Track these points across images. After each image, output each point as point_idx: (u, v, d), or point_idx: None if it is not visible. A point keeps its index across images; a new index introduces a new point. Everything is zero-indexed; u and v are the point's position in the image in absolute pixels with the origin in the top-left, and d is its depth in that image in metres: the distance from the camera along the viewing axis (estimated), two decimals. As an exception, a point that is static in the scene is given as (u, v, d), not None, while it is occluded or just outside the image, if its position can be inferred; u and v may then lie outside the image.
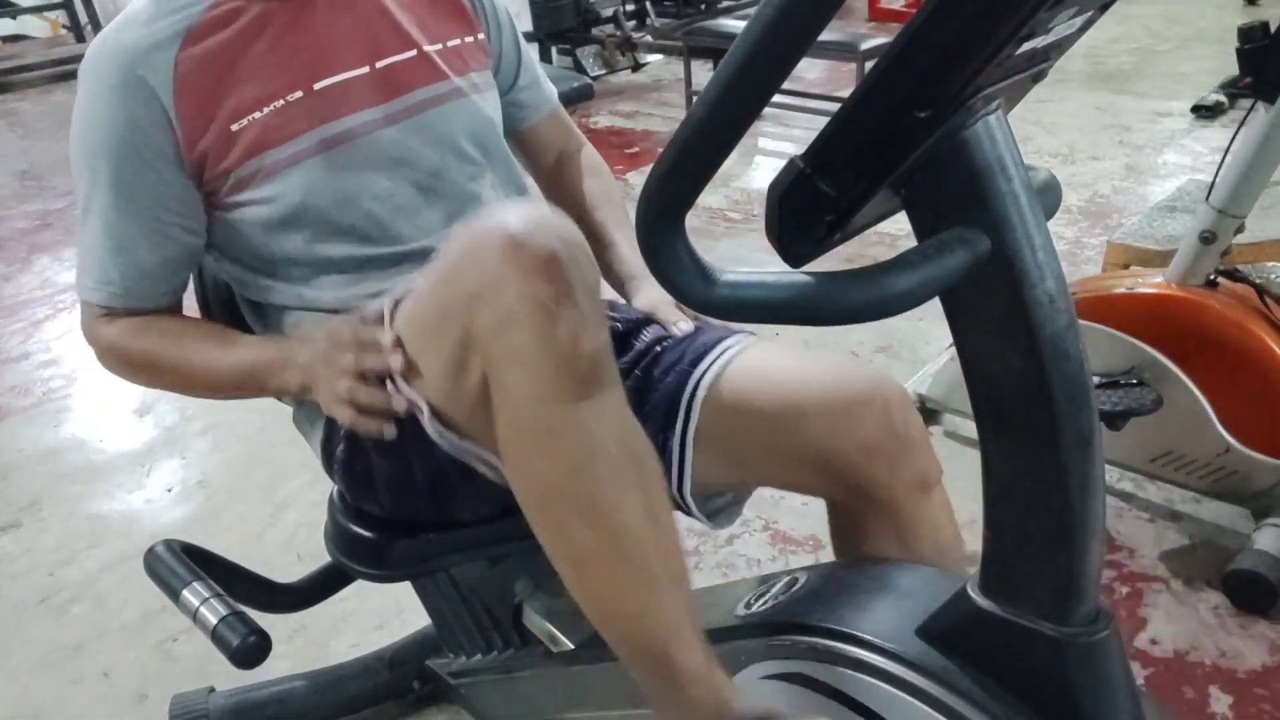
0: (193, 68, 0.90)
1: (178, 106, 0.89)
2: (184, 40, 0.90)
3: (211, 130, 0.91)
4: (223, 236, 0.99)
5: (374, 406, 0.87)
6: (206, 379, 0.98)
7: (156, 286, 0.98)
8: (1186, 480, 1.58)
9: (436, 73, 1.01)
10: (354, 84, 0.96)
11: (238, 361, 0.96)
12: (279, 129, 0.92)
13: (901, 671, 0.73)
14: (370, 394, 0.87)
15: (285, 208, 0.94)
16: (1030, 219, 0.58)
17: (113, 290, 0.96)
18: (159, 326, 0.99)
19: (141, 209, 0.93)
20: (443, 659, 1.34)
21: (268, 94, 0.92)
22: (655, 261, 0.53)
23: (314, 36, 0.95)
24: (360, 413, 0.87)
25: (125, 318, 0.99)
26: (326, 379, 0.89)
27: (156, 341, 0.98)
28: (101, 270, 0.96)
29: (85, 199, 0.94)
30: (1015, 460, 0.63)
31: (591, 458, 0.75)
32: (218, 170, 0.92)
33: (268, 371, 0.95)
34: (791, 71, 0.48)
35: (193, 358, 0.97)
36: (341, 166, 0.94)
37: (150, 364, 0.99)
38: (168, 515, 1.96)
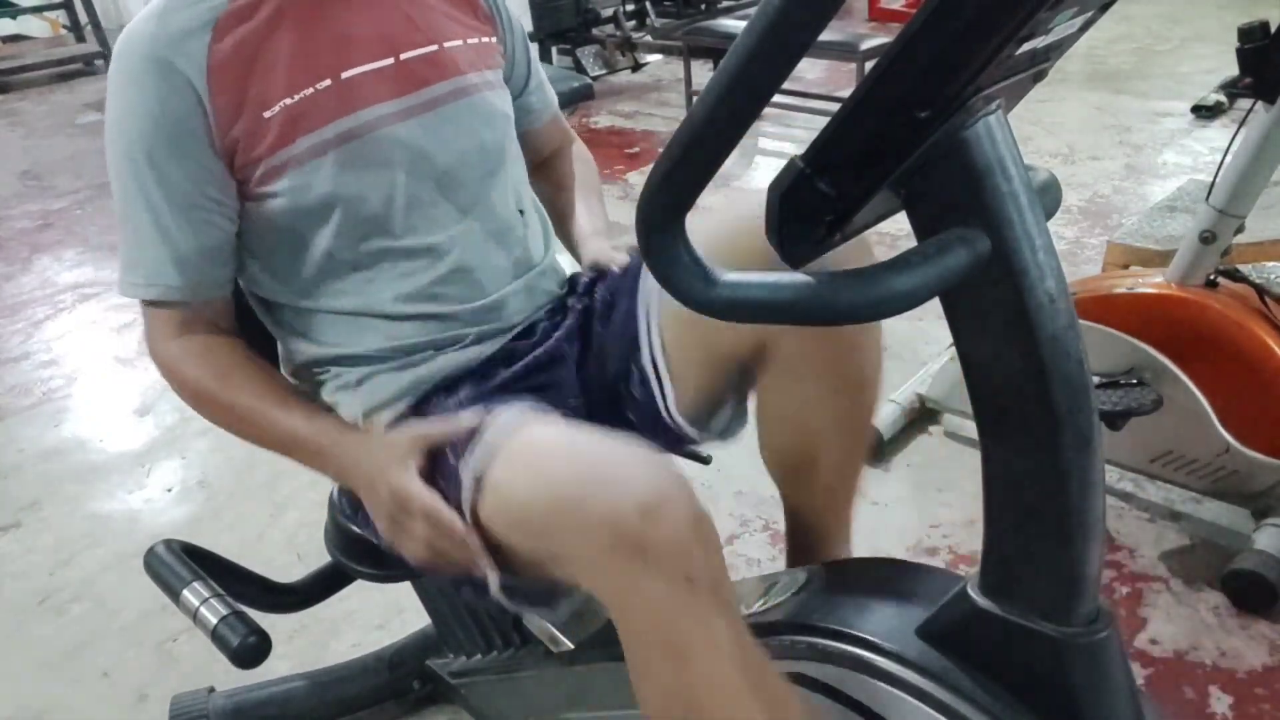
0: (224, 56, 0.90)
1: (211, 93, 0.89)
2: (213, 30, 0.90)
3: (244, 117, 0.91)
4: (247, 229, 0.98)
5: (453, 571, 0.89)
6: (249, 434, 0.97)
7: (207, 277, 0.96)
8: (1186, 480, 1.58)
9: (455, 68, 1.01)
10: (378, 75, 0.96)
11: (281, 430, 0.95)
12: (309, 117, 0.92)
13: (901, 671, 0.73)
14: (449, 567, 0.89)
15: (316, 198, 0.93)
16: (1030, 219, 0.58)
17: (169, 283, 0.94)
18: (217, 362, 0.97)
19: (183, 197, 0.92)
20: (443, 659, 1.34)
21: (298, 82, 0.92)
22: (655, 261, 0.53)
23: (339, 27, 0.95)
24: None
25: (188, 337, 0.96)
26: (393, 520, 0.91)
27: (209, 379, 0.96)
28: (155, 265, 0.94)
29: (125, 193, 0.92)
30: (1015, 460, 0.63)
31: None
32: (250, 157, 0.92)
33: (305, 454, 0.95)
34: (791, 71, 0.48)
35: (239, 409, 0.96)
36: (363, 158, 0.94)
37: (198, 397, 0.97)
38: (168, 515, 1.96)
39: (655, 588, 0.72)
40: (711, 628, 0.73)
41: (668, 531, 0.71)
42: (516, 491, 0.82)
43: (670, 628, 0.73)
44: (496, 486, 0.83)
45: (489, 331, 1.01)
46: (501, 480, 0.83)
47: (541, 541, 0.81)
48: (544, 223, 1.12)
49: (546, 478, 0.79)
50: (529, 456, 0.82)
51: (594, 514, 0.73)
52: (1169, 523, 1.68)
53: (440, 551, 0.88)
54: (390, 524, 0.91)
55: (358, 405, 0.98)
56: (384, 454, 0.90)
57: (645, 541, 0.71)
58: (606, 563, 0.74)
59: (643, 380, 0.99)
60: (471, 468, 0.85)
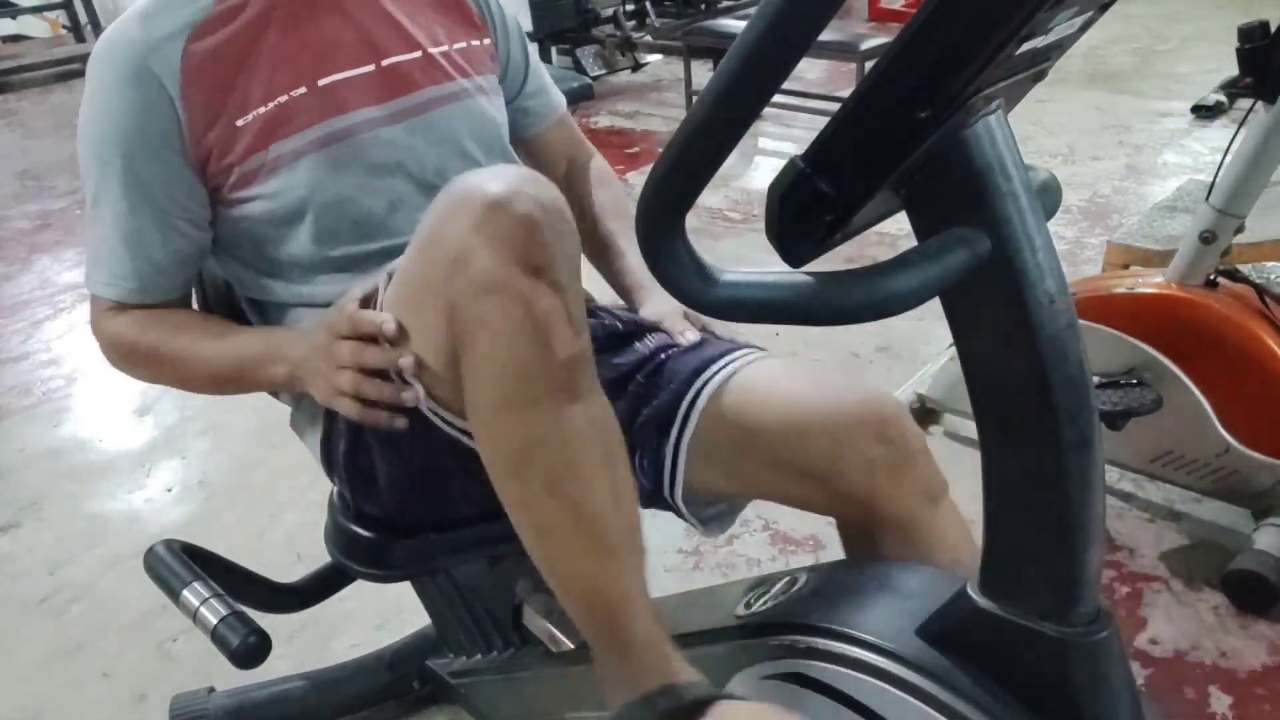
0: (199, 61, 0.90)
1: (185, 99, 0.90)
2: (191, 34, 0.91)
3: (217, 124, 0.91)
4: (226, 234, 0.99)
5: (381, 399, 0.85)
6: (201, 372, 0.98)
7: (166, 281, 0.98)
8: (1186, 480, 1.58)
9: (441, 74, 1.01)
10: (358, 82, 0.96)
11: (229, 354, 0.96)
12: (283, 124, 0.92)
13: (901, 671, 0.73)
14: (378, 388, 0.85)
15: (288, 203, 0.94)
16: (1030, 219, 0.58)
17: (126, 285, 0.96)
18: (162, 320, 0.99)
19: (152, 202, 0.93)
20: (443, 659, 1.34)
21: (273, 89, 0.92)
22: (655, 261, 0.53)
23: (319, 34, 0.95)
24: (366, 406, 0.86)
25: (134, 310, 0.99)
26: (326, 373, 0.88)
27: (157, 335, 0.98)
28: (115, 265, 0.96)
29: (95, 193, 0.94)
30: (1015, 460, 0.63)
31: (560, 432, 0.75)
32: (222, 165, 0.92)
33: (256, 363, 0.94)
34: (791, 72, 0.48)
35: (189, 351, 0.97)
36: (343, 163, 0.95)
37: (151, 358, 0.99)
38: (168, 515, 1.96)
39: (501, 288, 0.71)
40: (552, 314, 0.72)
41: (520, 205, 0.71)
42: (408, 260, 0.83)
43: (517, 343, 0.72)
44: (398, 270, 0.85)
45: None
46: (401, 265, 0.84)
47: (426, 291, 0.79)
48: None
49: (421, 235, 0.80)
50: None
51: (452, 229, 0.73)
52: (1169, 523, 1.68)
53: (366, 364, 0.84)
54: (325, 371, 0.88)
55: None
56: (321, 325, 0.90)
57: (488, 230, 0.71)
58: (457, 277, 0.73)
59: (656, 461, 0.96)
60: (387, 270, 0.87)
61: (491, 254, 0.71)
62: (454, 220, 0.74)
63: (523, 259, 0.71)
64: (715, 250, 2.95)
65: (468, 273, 0.72)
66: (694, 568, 1.68)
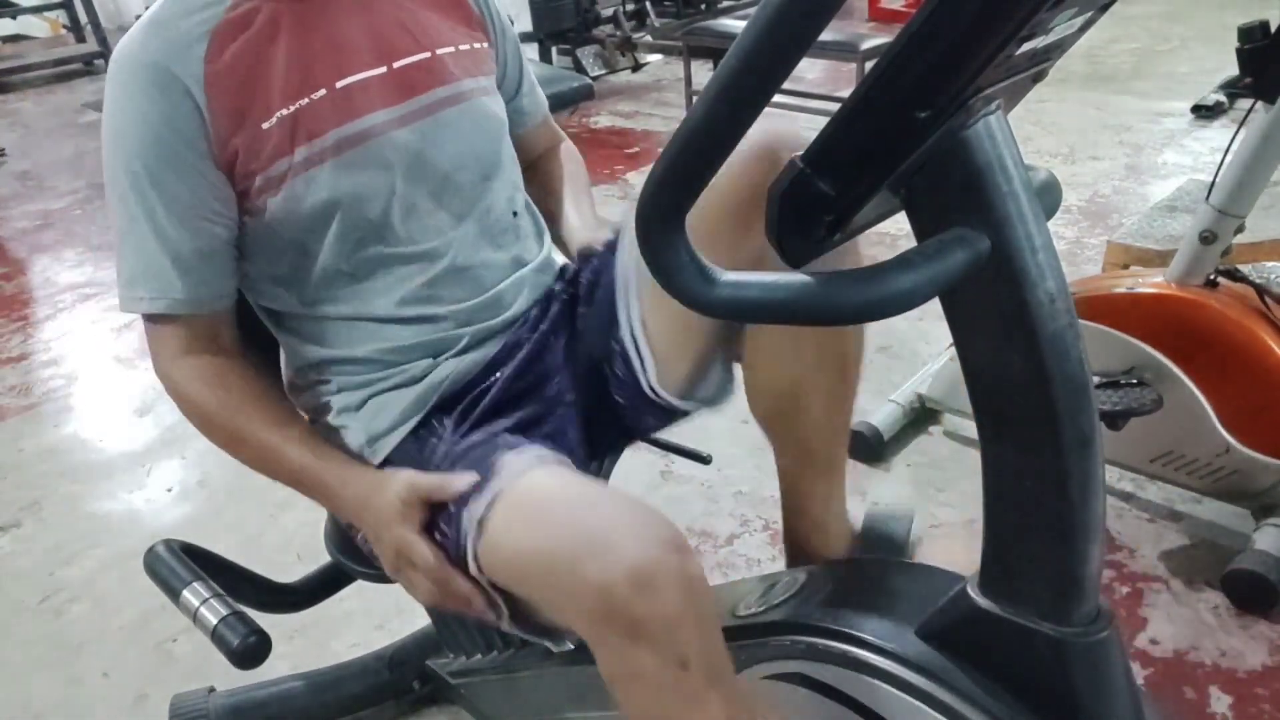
0: (221, 67, 0.90)
1: (209, 103, 0.89)
2: (211, 39, 0.90)
3: (243, 128, 0.90)
4: (246, 240, 0.97)
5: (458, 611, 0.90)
6: (254, 463, 0.98)
7: (210, 289, 0.95)
8: (1186, 480, 1.58)
9: (449, 75, 1.01)
10: (372, 84, 0.96)
11: (288, 468, 0.95)
12: (306, 126, 0.92)
13: (901, 671, 0.73)
14: (458, 606, 0.89)
15: (312, 207, 0.93)
16: (1030, 219, 0.58)
17: (174, 297, 0.93)
18: (225, 387, 0.95)
19: (185, 209, 0.91)
20: (443, 659, 1.34)
21: (294, 91, 0.92)
22: (655, 261, 0.53)
23: (331, 36, 0.95)
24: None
25: (195, 356, 0.95)
26: (396, 564, 0.92)
27: (217, 404, 0.95)
28: (157, 279, 0.92)
29: (125, 207, 0.91)
30: (1015, 460, 0.63)
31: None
32: (250, 168, 0.91)
33: (310, 490, 0.96)
34: (791, 72, 0.48)
35: (247, 439, 0.95)
36: (360, 167, 0.94)
37: (207, 422, 0.97)
38: (168, 515, 1.96)
39: (647, 662, 0.71)
40: (705, 708, 0.72)
41: (659, 608, 0.70)
42: (513, 545, 0.82)
43: (662, 705, 0.73)
44: (495, 536, 0.83)
45: (485, 331, 1.01)
46: (500, 531, 0.83)
47: (540, 596, 0.81)
48: (538, 223, 1.13)
49: (542, 534, 0.79)
50: (527, 508, 0.82)
51: (586, 579, 0.72)
52: (1169, 523, 1.68)
53: (444, 598, 0.89)
54: (394, 569, 0.93)
55: (361, 431, 0.98)
56: (389, 505, 0.90)
57: (635, 615, 0.70)
58: (599, 630, 0.74)
59: (624, 356, 0.98)
60: (472, 515, 0.85)
61: (637, 643, 0.72)
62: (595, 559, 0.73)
63: (670, 653, 0.72)
64: (715, 250, 2.94)
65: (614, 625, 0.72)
66: (694, 568, 1.68)
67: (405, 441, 0.97)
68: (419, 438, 0.97)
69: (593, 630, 0.74)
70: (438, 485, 0.89)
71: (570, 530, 0.77)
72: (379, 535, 0.92)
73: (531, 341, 1.02)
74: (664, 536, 0.73)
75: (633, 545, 0.72)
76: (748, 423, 1.06)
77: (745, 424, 1.09)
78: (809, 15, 0.45)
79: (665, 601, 0.70)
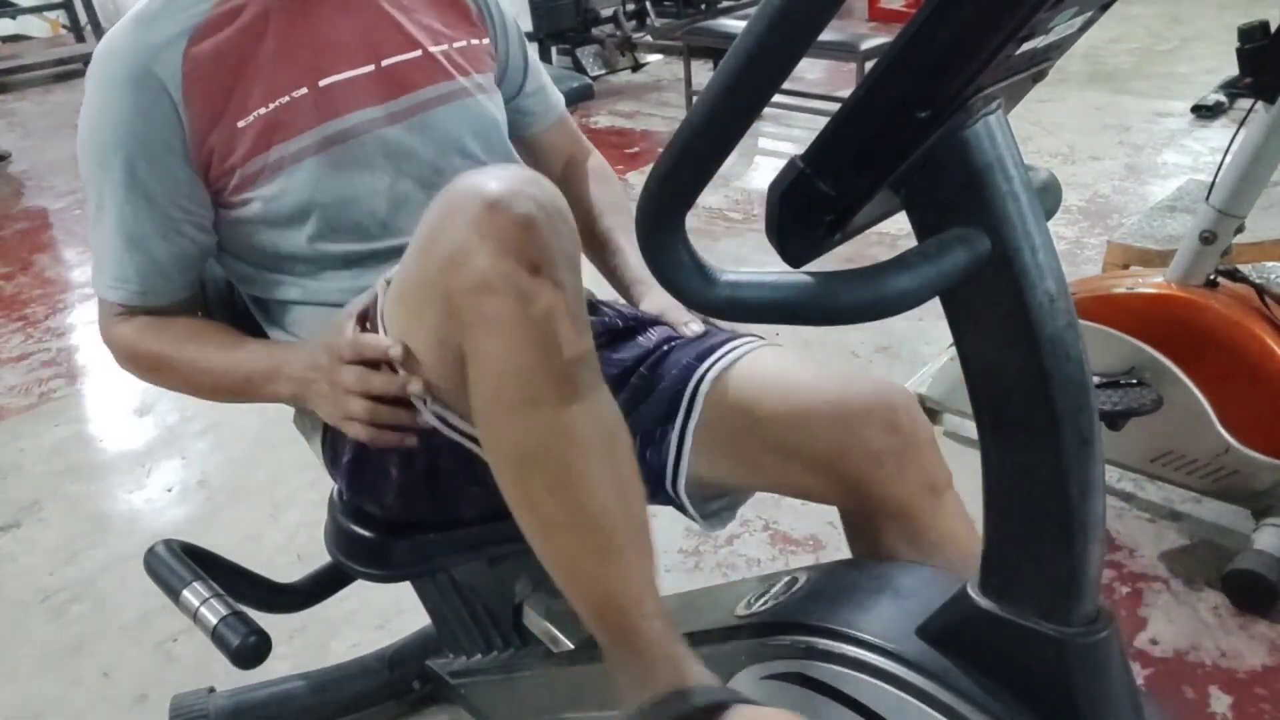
0: (200, 64, 0.90)
1: (186, 101, 0.90)
2: (192, 37, 0.91)
3: (219, 127, 0.91)
4: (228, 234, 0.99)
5: (394, 423, 0.86)
6: (208, 383, 0.99)
7: (171, 283, 0.98)
8: (1186, 480, 1.58)
9: (441, 73, 1.01)
10: (358, 82, 0.96)
11: (234, 368, 0.96)
12: (284, 125, 0.92)
13: (901, 671, 0.73)
14: (392, 413, 0.86)
15: (290, 204, 0.94)
16: (1030, 219, 0.58)
17: (130, 288, 0.97)
18: (170, 328, 0.99)
19: (154, 205, 0.93)
20: (443, 659, 1.34)
21: (273, 90, 0.92)
22: (655, 262, 0.53)
23: (318, 34, 0.96)
24: (378, 427, 0.87)
25: (141, 316, 0.99)
26: (332, 396, 0.88)
27: (166, 343, 0.98)
28: (118, 268, 0.96)
29: (98, 197, 0.94)
30: (1015, 460, 0.63)
31: (563, 431, 0.75)
32: (225, 167, 0.92)
33: (260, 380, 0.95)
34: (791, 72, 0.48)
35: (198, 361, 0.98)
36: (344, 164, 0.95)
37: (158, 365, 0.99)
38: (168, 515, 1.96)
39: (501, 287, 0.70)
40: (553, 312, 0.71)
41: (518, 204, 0.70)
42: (407, 262, 0.82)
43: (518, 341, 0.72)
44: (397, 274, 0.84)
45: None
46: (400, 268, 0.83)
47: (425, 291, 0.78)
48: None
49: (419, 236, 0.79)
50: None
51: (451, 229, 0.72)
52: (1169, 523, 1.68)
53: (374, 391, 0.85)
54: (331, 395, 0.89)
55: None
56: (325, 337, 0.90)
57: (486, 229, 0.70)
58: (456, 276, 0.72)
59: (661, 448, 0.95)
60: (385, 278, 0.87)
61: (490, 253, 0.71)
62: (452, 220, 0.73)
63: (522, 257, 0.71)
64: (715, 250, 2.95)
65: (466, 272, 0.72)
66: (694, 568, 1.68)
67: None
68: None
69: (454, 287, 0.73)
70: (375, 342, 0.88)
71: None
72: (316, 361, 0.89)
73: None
74: (527, 176, 0.74)
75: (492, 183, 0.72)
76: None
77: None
78: (809, 15, 0.45)
79: (516, 211, 0.70)
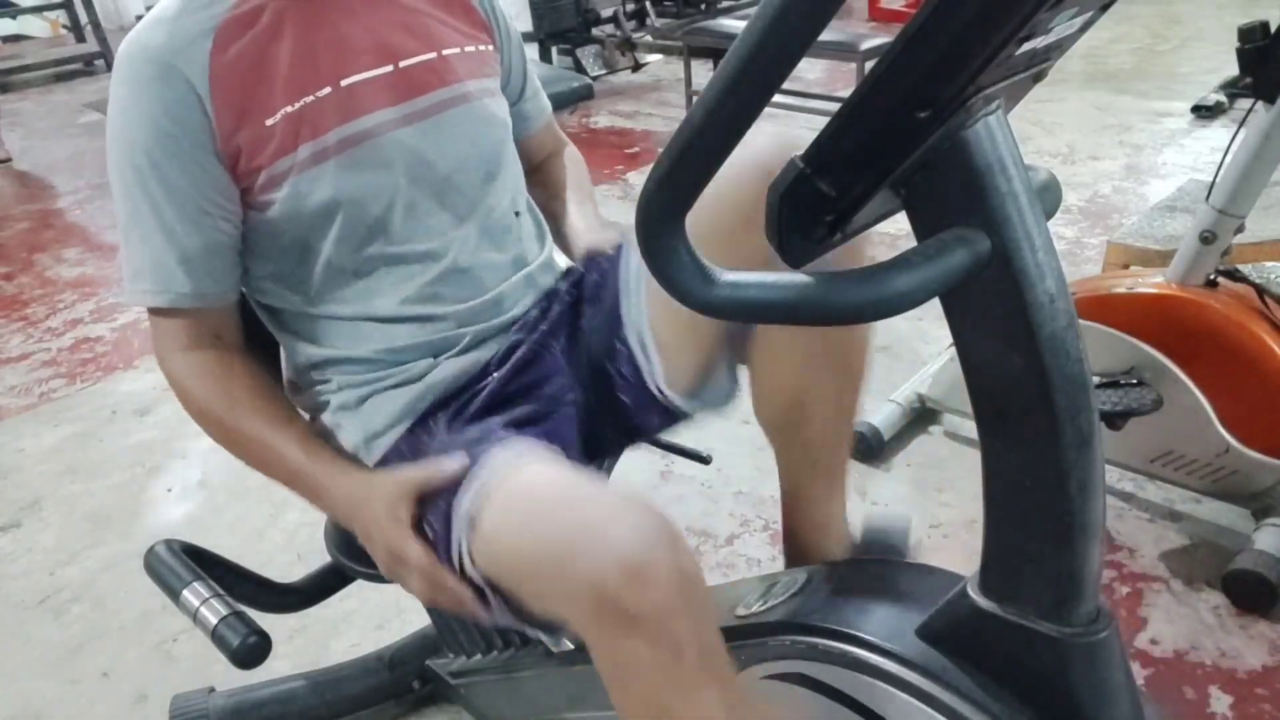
0: (226, 63, 0.90)
1: (214, 98, 0.89)
2: (216, 35, 0.90)
3: (246, 125, 0.90)
4: (249, 237, 0.97)
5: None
6: (250, 460, 0.98)
7: (214, 283, 0.95)
8: (1186, 480, 1.58)
9: (454, 76, 1.01)
10: (377, 82, 0.96)
11: (283, 467, 0.95)
12: (311, 124, 0.92)
13: (901, 671, 0.73)
14: (451, 604, 0.89)
15: (315, 205, 0.93)
16: (1030, 219, 0.58)
17: (179, 290, 0.93)
18: (224, 383, 0.96)
19: (189, 204, 0.91)
20: (443, 659, 1.34)
21: (299, 89, 0.92)
22: (655, 262, 0.53)
23: (338, 35, 0.95)
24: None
25: (196, 351, 0.96)
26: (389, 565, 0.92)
27: (215, 400, 0.96)
28: (162, 272, 0.93)
29: (131, 200, 0.92)
30: (1015, 460, 0.63)
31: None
32: (253, 165, 0.91)
33: (303, 490, 0.96)
34: (791, 72, 0.48)
35: (243, 436, 0.96)
36: (363, 165, 0.94)
37: (204, 416, 0.97)
38: (168, 515, 1.96)
39: (641, 654, 0.71)
40: (700, 699, 0.72)
41: (652, 597, 0.70)
42: (505, 540, 0.81)
43: (657, 696, 0.73)
44: (487, 532, 0.82)
45: (485, 331, 1.01)
46: (492, 526, 0.82)
47: (532, 590, 0.81)
48: (539, 224, 1.13)
49: (534, 528, 0.78)
50: (519, 503, 0.82)
51: (578, 574, 0.72)
52: (1169, 523, 1.68)
53: (437, 595, 0.89)
54: (389, 569, 0.93)
55: (358, 430, 0.98)
56: (379, 506, 0.90)
57: (629, 607, 0.70)
58: (592, 624, 0.73)
59: (629, 356, 0.98)
60: (464, 510, 0.84)
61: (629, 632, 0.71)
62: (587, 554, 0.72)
63: (665, 639, 0.71)
64: (715, 250, 2.94)
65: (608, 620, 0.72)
66: (694, 568, 1.68)
67: (400, 441, 0.98)
68: (414, 437, 0.97)
69: (586, 624, 0.74)
70: (426, 475, 0.89)
71: (561, 524, 0.76)
72: (370, 535, 0.92)
73: (530, 341, 1.02)
74: (656, 527, 0.73)
75: (624, 537, 0.72)
76: (748, 423, 1.06)
77: (745, 424, 1.09)
78: (809, 15, 0.45)
79: (658, 591, 0.70)
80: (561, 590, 0.75)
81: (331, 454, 0.96)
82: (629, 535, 0.72)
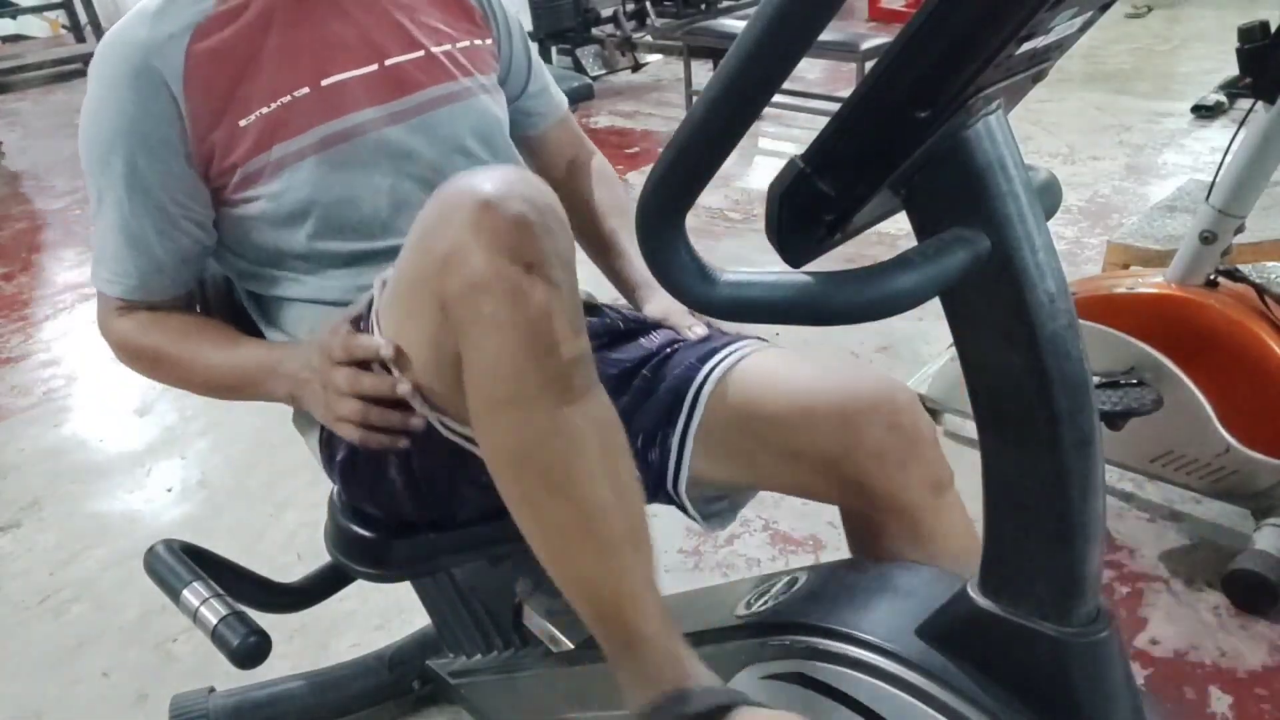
0: (202, 61, 0.90)
1: (187, 98, 0.90)
2: (194, 33, 0.91)
3: (221, 124, 0.91)
4: (228, 232, 0.99)
5: (385, 425, 0.86)
6: (205, 379, 0.99)
7: (169, 279, 0.99)
8: (1186, 480, 1.58)
9: (443, 73, 1.01)
10: (361, 81, 0.96)
11: (232, 366, 0.97)
12: (286, 124, 0.92)
13: (901, 671, 0.73)
14: (381, 414, 0.86)
15: (291, 203, 0.94)
16: (1030, 219, 0.58)
17: (129, 283, 0.98)
18: (168, 323, 1.00)
19: (153, 201, 0.93)
20: (443, 659, 1.34)
21: (276, 90, 0.92)
22: (655, 262, 0.53)
23: (321, 33, 0.96)
24: (369, 429, 0.87)
25: (141, 311, 1.00)
26: (324, 397, 0.89)
27: (163, 338, 0.99)
28: (117, 263, 0.97)
29: (98, 192, 0.95)
30: (1015, 460, 0.63)
31: (559, 430, 0.75)
32: (225, 164, 0.92)
33: (255, 378, 0.96)
34: (791, 71, 0.48)
35: (195, 358, 0.98)
36: (346, 163, 0.95)
37: (156, 360, 1.00)
38: (168, 515, 1.96)
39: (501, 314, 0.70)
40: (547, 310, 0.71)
41: (512, 204, 0.70)
42: (402, 263, 0.81)
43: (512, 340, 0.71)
44: (390, 281, 0.84)
45: None
46: (395, 269, 0.83)
47: (419, 291, 0.78)
48: None
49: (413, 237, 0.79)
50: None
51: (445, 229, 0.72)
52: (1169, 523, 1.68)
53: (364, 392, 0.85)
54: (324, 396, 0.89)
55: None
56: (319, 337, 0.90)
57: (480, 229, 0.70)
58: (451, 276, 0.72)
59: (664, 450, 0.95)
60: (381, 278, 0.87)
61: (484, 252, 0.71)
62: (445, 220, 0.73)
63: (515, 256, 0.71)
64: (715, 250, 2.95)
65: (460, 272, 0.72)
66: (694, 568, 1.68)
67: None
68: None
69: (448, 287, 0.73)
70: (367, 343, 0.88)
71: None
72: (310, 361, 0.90)
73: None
74: (522, 176, 0.74)
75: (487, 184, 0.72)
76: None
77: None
78: (809, 15, 0.45)
79: (509, 211, 0.70)
80: (429, 256, 0.74)
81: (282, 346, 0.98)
82: (489, 182, 0.72)
